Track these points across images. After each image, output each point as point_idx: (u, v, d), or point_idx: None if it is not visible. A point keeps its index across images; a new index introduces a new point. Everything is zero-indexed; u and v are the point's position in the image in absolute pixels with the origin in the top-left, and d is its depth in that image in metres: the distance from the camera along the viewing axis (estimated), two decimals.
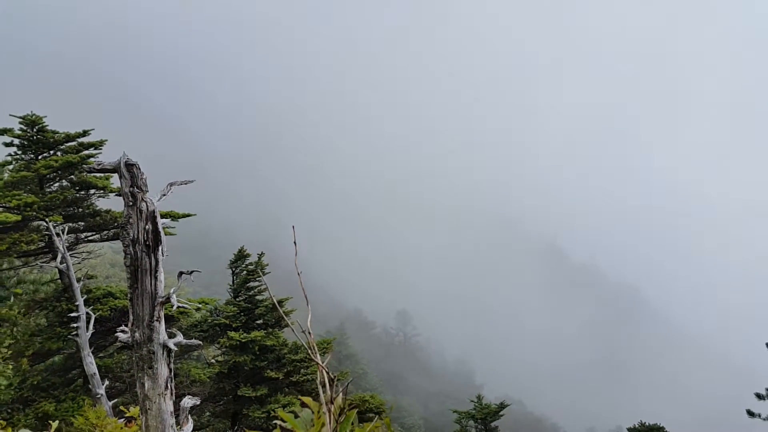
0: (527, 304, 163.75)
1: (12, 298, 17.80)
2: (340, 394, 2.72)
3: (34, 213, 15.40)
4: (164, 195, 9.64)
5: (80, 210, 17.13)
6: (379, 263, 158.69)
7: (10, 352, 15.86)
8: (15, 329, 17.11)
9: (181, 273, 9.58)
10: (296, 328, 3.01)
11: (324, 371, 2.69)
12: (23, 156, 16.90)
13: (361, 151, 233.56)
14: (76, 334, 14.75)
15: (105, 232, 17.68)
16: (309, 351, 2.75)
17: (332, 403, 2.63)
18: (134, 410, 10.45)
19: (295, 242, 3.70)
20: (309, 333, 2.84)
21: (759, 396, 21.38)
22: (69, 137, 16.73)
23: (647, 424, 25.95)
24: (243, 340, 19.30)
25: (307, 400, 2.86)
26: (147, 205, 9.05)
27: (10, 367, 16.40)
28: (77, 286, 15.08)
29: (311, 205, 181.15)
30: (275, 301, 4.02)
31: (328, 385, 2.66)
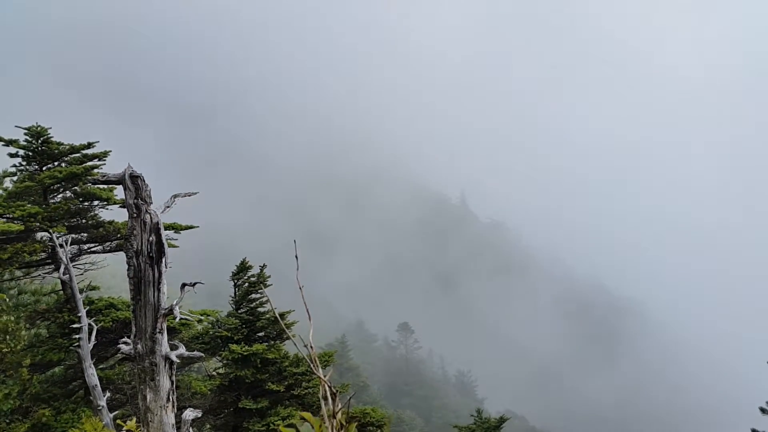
0: (521, 317, 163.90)
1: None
2: (341, 408, 2.73)
3: (38, 224, 15.46)
4: (168, 207, 9.69)
5: (83, 221, 17.18)
6: (381, 276, 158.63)
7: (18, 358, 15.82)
8: (8, 337, 17.06)
9: (184, 285, 9.61)
10: (298, 343, 3.03)
11: (326, 385, 2.70)
12: (27, 167, 16.99)
13: (366, 157, 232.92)
14: (78, 345, 14.73)
15: (108, 244, 17.70)
16: (311, 365, 2.77)
17: (334, 417, 2.64)
18: (131, 423, 10.36)
19: (296, 256, 3.74)
20: (311, 347, 2.86)
21: (763, 410, 20.83)
22: (74, 149, 16.81)
23: None
24: (245, 354, 19.26)
25: (307, 415, 2.87)
26: (151, 217, 9.11)
27: (11, 379, 16.39)
28: (79, 297, 15.09)
29: (314, 216, 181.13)
30: (277, 315, 4.05)
31: (330, 398, 2.67)
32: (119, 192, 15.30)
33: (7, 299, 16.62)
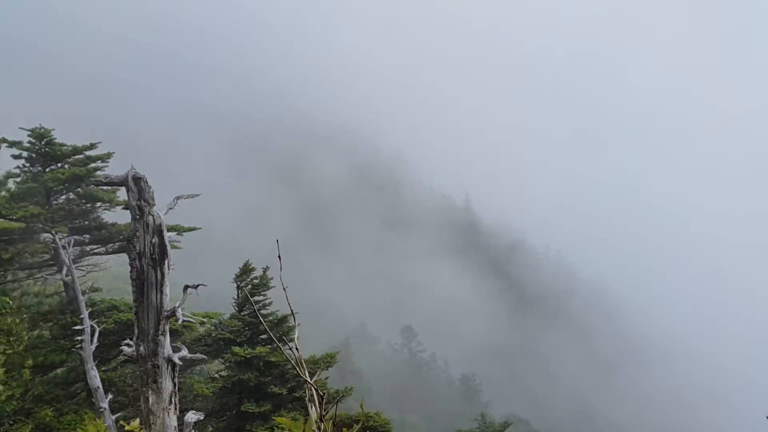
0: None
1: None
2: (328, 412, 2.67)
3: (40, 224, 15.47)
4: (171, 209, 9.67)
5: (86, 223, 17.20)
6: (383, 277, 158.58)
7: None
8: (11, 339, 17.04)
9: (186, 287, 9.58)
10: (285, 347, 2.99)
11: (312, 388, 2.64)
12: (31, 168, 17.02)
13: (366, 157, 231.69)
14: (80, 347, 14.74)
15: (110, 245, 17.71)
16: (297, 368, 2.72)
17: (321, 421, 2.59)
18: (134, 424, 10.32)
19: (279, 256, 3.72)
20: (297, 349, 2.81)
21: None
22: (76, 150, 16.85)
23: None
24: (248, 356, 19.20)
25: (284, 420, 2.79)
26: (154, 219, 9.09)
27: (14, 380, 16.38)
28: (82, 299, 15.10)
29: (314, 217, 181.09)
30: (264, 324, 4.01)
31: (316, 402, 2.61)
32: (122, 194, 15.30)
33: (11, 301, 16.61)
